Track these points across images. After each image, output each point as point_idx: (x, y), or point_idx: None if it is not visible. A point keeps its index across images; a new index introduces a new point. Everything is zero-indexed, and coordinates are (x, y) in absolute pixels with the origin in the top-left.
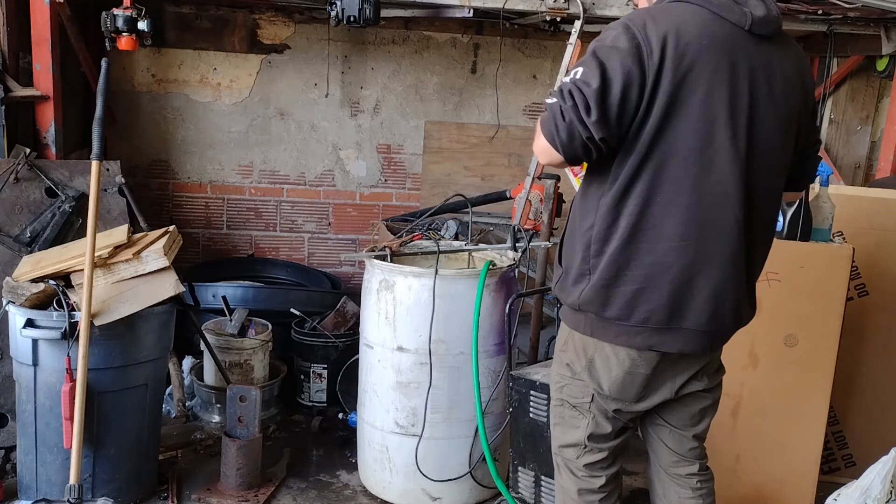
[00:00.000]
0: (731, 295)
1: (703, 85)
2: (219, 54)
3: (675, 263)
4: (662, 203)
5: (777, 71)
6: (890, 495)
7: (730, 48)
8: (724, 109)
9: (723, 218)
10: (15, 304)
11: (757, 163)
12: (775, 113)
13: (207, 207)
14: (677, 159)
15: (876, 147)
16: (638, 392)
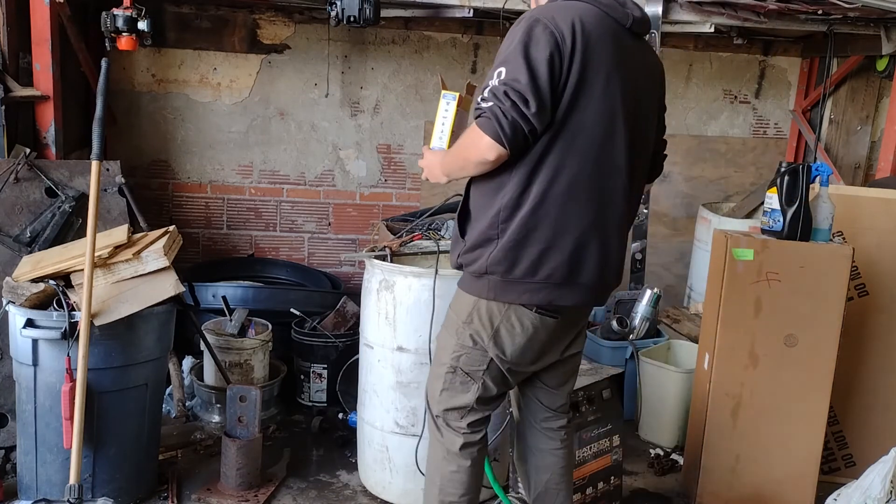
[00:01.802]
0: (616, 255)
1: (603, 69)
2: (219, 54)
3: (577, 225)
4: (570, 173)
5: (647, 65)
6: (890, 495)
7: (617, 40)
8: (619, 91)
9: (616, 187)
10: (15, 304)
11: (637, 142)
12: (648, 101)
13: (207, 207)
14: (584, 134)
15: (876, 147)
16: (535, 356)
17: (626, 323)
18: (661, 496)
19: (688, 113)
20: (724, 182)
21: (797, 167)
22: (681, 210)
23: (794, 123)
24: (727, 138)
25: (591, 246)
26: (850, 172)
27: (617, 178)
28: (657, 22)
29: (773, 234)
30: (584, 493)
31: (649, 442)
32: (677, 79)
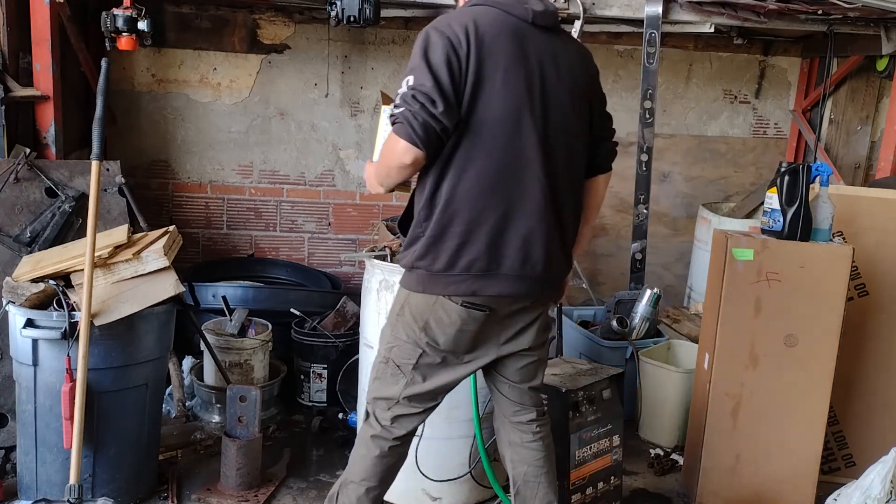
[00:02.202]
0: (540, 245)
1: (501, 65)
2: (219, 54)
3: (489, 218)
4: (476, 168)
5: (562, 57)
6: (890, 495)
7: (518, 36)
8: (522, 85)
9: (527, 178)
10: (15, 304)
11: (554, 133)
12: (565, 91)
13: (207, 207)
14: (487, 129)
15: (876, 147)
16: (468, 346)
17: (626, 323)
18: (661, 496)
19: (688, 113)
20: (724, 182)
21: (797, 167)
22: (681, 210)
23: (794, 123)
24: (727, 138)
25: (509, 237)
26: (850, 172)
27: (528, 169)
28: (657, 22)
29: (773, 234)
30: (584, 493)
31: (649, 442)
32: (677, 79)
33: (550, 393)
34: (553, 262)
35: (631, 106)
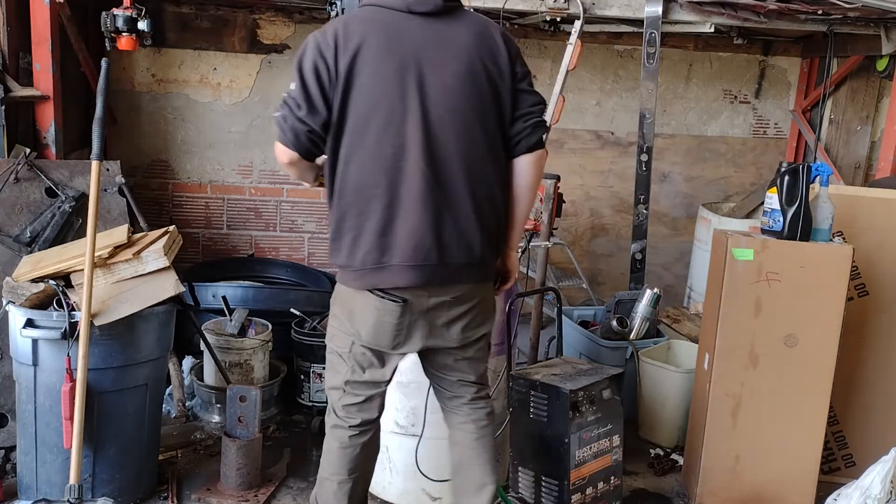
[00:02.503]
0: (430, 233)
1: (371, 60)
2: (219, 54)
3: (375, 211)
4: (357, 162)
5: (449, 40)
6: (890, 495)
7: (391, 29)
8: (394, 77)
9: (408, 168)
10: (15, 304)
11: (438, 119)
12: (453, 74)
13: (207, 207)
14: (361, 124)
15: (876, 147)
16: (392, 338)
17: (626, 323)
18: (661, 496)
19: (688, 113)
20: (724, 182)
21: (797, 167)
22: (681, 210)
23: (794, 123)
24: (727, 138)
25: (396, 228)
26: (850, 172)
27: (408, 159)
28: (657, 22)
29: (773, 234)
30: (584, 493)
31: (649, 442)
32: (677, 79)
33: (550, 393)
34: (450, 249)
35: (631, 106)
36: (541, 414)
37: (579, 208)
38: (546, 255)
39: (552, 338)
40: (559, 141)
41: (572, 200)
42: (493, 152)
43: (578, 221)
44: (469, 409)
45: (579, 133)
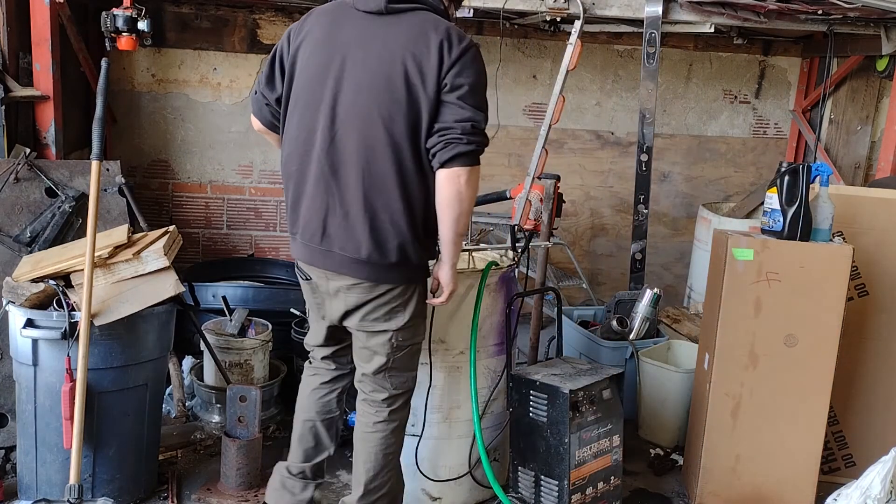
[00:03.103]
0: (317, 218)
1: (308, 51)
2: (219, 54)
3: (291, 185)
4: (286, 139)
5: (381, 40)
6: (890, 495)
7: (334, 23)
8: (320, 70)
9: (312, 152)
10: (15, 304)
11: (343, 117)
12: (372, 74)
13: (207, 207)
14: (292, 105)
15: (876, 147)
16: (316, 307)
17: (626, 323)
18: (661, 496)
19: (688, 113)
20: (724, 182)
21: (797, 167)
22: (681, 210)
23: (794, 123)
24: (727, 138)
25: (301, 205)
26: (850, 172)
27: (313, 148)
28: (657, 22)
29: (773, 234)
30: (584, 493)
31: (649, 442)
32: (677, 79)
33: (550, 393)
34: (335, 240)
35: (631, 106)
36: (541, 414)
37: (579, 208)
38: (546, 255)
39: (552, 338)
40: (559, 141)
41: (572, 200)
42: (399, 159)
43: (578, 221)
44: (362, 407)
45: (579, 133)
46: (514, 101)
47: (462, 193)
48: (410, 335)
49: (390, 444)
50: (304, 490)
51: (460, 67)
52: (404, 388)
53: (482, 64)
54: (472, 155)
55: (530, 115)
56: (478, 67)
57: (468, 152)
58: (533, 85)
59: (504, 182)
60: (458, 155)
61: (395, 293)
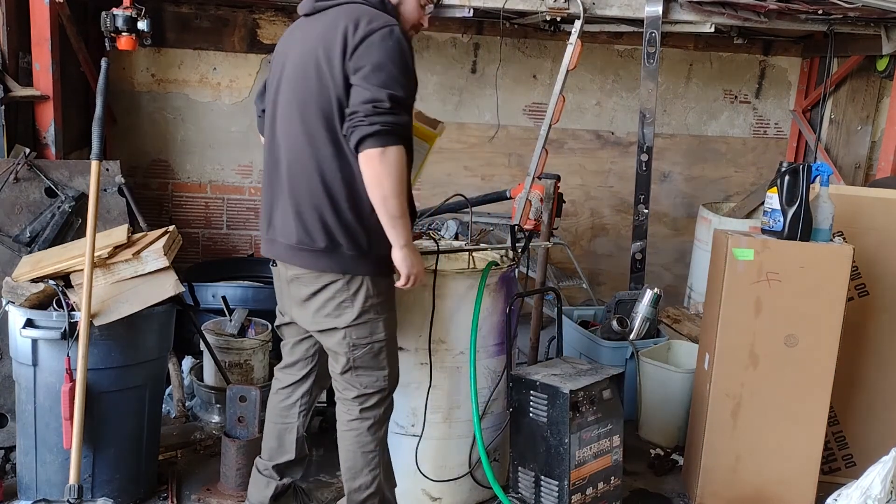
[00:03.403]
0: (267, 210)
1: (273, 62)
2: (219, 54)
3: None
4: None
5: (309, 35)
6: (890, 495)
7: (289, 32)
8: (273, 77)
9: (272, 154)
10: (15, 304)
11: (279, 111)
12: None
13: (207, 207)
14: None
15: (876, 147)
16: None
17: (626, 323)
18: (661, 496)
19: (688, 113)
20: (724, 182)
21: (797, 167)
22: (681, 210)
23: (794, 123)
24: (727, 138)
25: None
26: (850, 172)
27: (272, 146)
28: (657, 22)
29: (774, 234)
30: (585, 493)
31: (649, 442)
32: (677, 79)
33: (550, 393)
34: (277, 228)
35: (631, 106)
36: (541, 414)
37: (579, 208)
38: (546, 255)
39: (552, 338)
40: (559, 141)
41: (572, 200)
42: (316, 146)
43: (578, 221)
44: (338, 406)
45: (579, 133)
46: (514, 101)
47: (380, 175)
48: (367, 333)
49: (367, 443)
50: (266, 487)
51: (364, 49)
52: (375, 387)
53: (394, 42)
54: (379, 136)
55: (530, 115)
56: (386, 46)
57: (373, 133)
58: (533, 85)
59: (504, 182)
60: (364, 138)
61: (338, 286)
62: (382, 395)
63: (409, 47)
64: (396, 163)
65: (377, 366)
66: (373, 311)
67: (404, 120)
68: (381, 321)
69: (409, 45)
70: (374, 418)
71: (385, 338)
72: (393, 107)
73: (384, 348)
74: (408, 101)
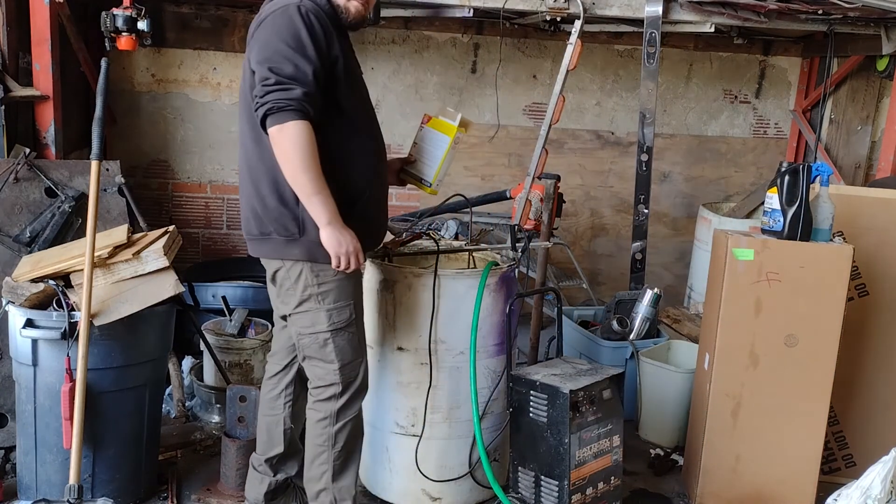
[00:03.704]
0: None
1: None
2: (219, 54)
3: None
4: None
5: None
6: (890, 495)
7: None
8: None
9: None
10: (15, 304)
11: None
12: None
13: (207, 207)
14: None
15: (876, 147)
16: None
17: (626, 323)
18: (661, 496)
19: (688, 113)
20: (724, 182)
21: (797, 167)
22: (681, 210)
23: (794, 123)
24: (727, 138)
25: None
26: (850, 172)
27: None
28: (657, 22)
29: (774, 234)
30: (584, 493)
31: (649, 442)
32: (677, 79)
33: (550, 393)
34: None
35: (631, 106)
36: (541, 414)
37: (579, 208)
38: (546, 255)
39: (552, 338)
40: (559, 141)
41: (572, 200)
42: (246, 138)
43: (578, 221)
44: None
45: (579, 133)
46: (514, 101)
47: (285, 152)
48: (308, 322)
49: (317, 436)
50: (261, 483)
51: (258, 33)
52: (326, 380)
53: (286, 19)
54: (273, 114)
55: (530, 114)
56: (275, 23)
57: (267, 113)
58: (533, 85)
59: (504, 182)
60: (263, 118)
61: (282, 273)
62: (335, 390)
63: (311, 20)
64: (297, 138)
65: (325, 358)
66: (313, 300)
67: (297, 94)
68: (324, 312)
69: (314, 18)
70: (325, 413)
71: (329, 329)
72: (279, 81)
73: (330, 340)
74: (299, 74)
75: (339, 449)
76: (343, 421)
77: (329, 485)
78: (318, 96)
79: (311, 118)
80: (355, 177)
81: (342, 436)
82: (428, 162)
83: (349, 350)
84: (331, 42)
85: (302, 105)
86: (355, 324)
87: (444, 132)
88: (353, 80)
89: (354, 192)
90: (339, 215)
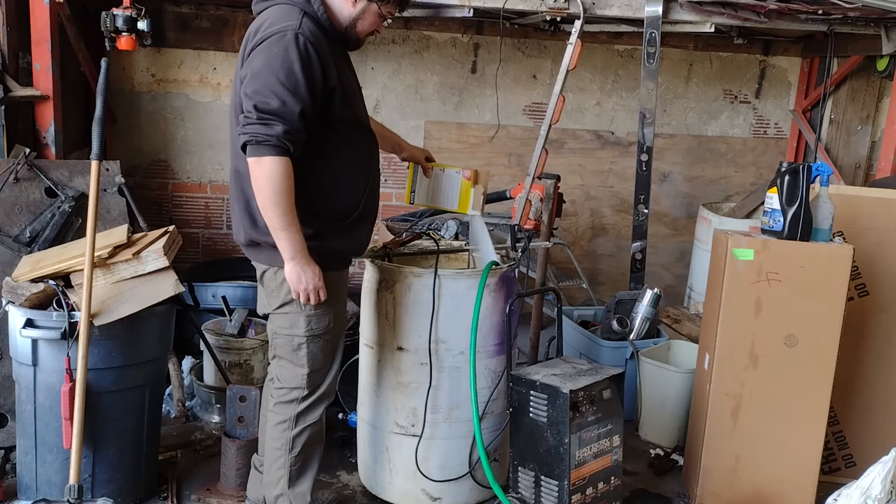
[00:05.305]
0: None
1: None
2: (219, 54)
3: None
4: None
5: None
6: (890, 495)
7: None
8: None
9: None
10: (15, 304)
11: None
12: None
13: (207, 207)
14: None
15: (876, 147)
16: None
17: (626, 323)
18: (661, 496)
19: (688, 113)
20: (724, 182)
21: (797, 167)
22: (681, 210)
23: (794, 123)
24: (727, 138)
25: None
26: (850, 172)
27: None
28: (657, 22)
29: (774, 234)
30: (585, 493)
31: (649, 442)
32: (677, 79)
33: (550, 393)
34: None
35: (631, 106)
36: (541, 414)
37: (579, 208)
38: (546, 255)
39: (552, 338)
40: (559, 141)
41: (572, 200)
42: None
43: (578, 221)
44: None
45: (579, 133)
46: (514, 101)
47: (260, 186)
48: (286, 324)
49: (275, 439)
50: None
51: (252, 56)
52: (293, 383)
53: (281, 49)
54: (251, 146)
55: (530, 114)
56: (269, 53)
57: (246, 143)
58: (533, 85)
59: (504, 182)
60: (243, 146)
61: (269, 274)
62: (298, 394)
63: (308, 52)
64: (272, 174)
65: (296, 361)
66: (295, 304)
67: (278, 131)
68: (304, 316)
69: (312, 50)
70: (284, 416)
71: (306, 335)
72: (261, 117)
73: (305, 345)
74: (285, 111)
75: (297, 454)
76: (302, 426)
77: (285, 490)
78: (303, 133)
79: (292, 154)
80: (347, 196)
81: (300, 440)
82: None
83: (321, 357)
84: (328, 72)
85: (280, 142)
86: (332, 332)
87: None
88: (350, 101)
89: (345, 210)
90: (305, 251)
